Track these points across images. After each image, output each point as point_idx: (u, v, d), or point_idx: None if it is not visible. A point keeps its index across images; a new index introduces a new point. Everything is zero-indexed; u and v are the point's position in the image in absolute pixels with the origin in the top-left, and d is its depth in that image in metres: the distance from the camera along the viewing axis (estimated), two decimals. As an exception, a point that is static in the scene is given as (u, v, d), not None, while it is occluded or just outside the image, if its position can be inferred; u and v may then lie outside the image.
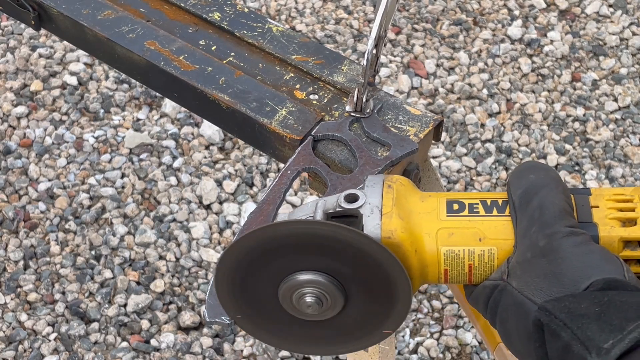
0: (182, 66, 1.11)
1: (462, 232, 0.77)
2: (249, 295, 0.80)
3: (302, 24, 2.41)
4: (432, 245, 0.77)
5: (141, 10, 1.19)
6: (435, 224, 0.78)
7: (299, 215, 0.80)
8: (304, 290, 0.77)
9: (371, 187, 0.80)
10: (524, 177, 0.77)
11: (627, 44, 2.39)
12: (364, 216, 0.77)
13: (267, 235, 0.76)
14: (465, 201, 0.79)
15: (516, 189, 0.77)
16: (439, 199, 0.80)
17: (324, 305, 0.78)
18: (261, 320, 0.82)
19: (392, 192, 0.79)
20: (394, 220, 0.77)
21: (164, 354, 1.81)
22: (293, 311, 0.79)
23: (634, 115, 2.23)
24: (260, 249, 0.76)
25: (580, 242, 0.72)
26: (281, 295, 0.78)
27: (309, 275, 0.76)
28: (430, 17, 2.44)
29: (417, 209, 0.79)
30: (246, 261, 0.77)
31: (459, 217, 0.78)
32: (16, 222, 2.00)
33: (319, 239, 0.75)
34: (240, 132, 1.11)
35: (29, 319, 1.86)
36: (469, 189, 2.07)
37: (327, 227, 0.74)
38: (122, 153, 2.13)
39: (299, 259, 0.76)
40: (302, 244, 0.75)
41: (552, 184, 0.76)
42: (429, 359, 1.85)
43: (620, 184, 2.08)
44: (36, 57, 2.32)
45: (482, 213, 0.78)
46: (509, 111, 2.24)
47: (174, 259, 1.95)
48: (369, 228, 0.76)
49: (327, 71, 1.11)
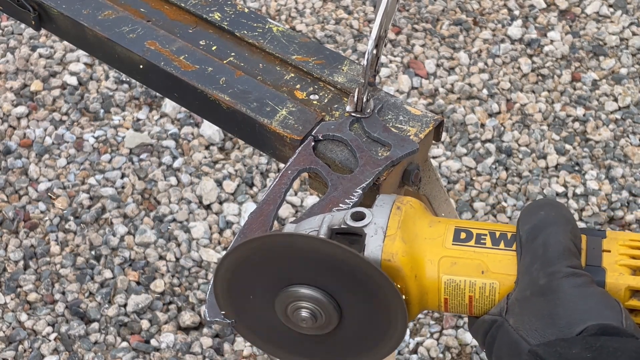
0: (182, 66, 1.11)
1: (465, 262, 0.76)
2: (246, 302, 0.80)
3: (302, 24, 2.41)
4: (434, 272, 0.76)
5: (141, 11, 1.19)
6: (438, 251, 0.77)
7: (306, 227, 0.80)
8: (300, 304, 0.77)
9: (380, 206, 0.79)
10: (535, 213, 0.76)
11: (627, 44, 2.39)
12: (367, 236, 0.77)
13: (266, 245, 0.75)
14: (474, 231, 0.77)
15: (524, 224, 0.75)
16: (447, 225, 0.78)
17: (317, 321, 0.77)
18: (257, 327, 0.82)
19: (400, 214, 0.78)
20: (396, 243, 0.76)
21: (164, 354, 1.81)
22: (288, 323, 0.79)
23: (634, 115, 2.23)
24: (260, 256, 0.76)
25: (581, 284, 0.71)
26: (277, 305, 0.78)
27: (305, 289, 0.76)
28: (430, 17, 2.44)
29: (423, 233, 0.78)
30: (245, 267, 0.77)
31: (464, 247, 0.76)
32: (16, 222, 2.00)
33: (318, 256, 0.74)
34: (241, 132, 1.11)
35: (29, 319, 1.86)
36: (469, 189, 2.07)
37: (326, 245, 0.74)
38: (122, 153, 2.13)
39: (297, 271, 0.76)
40: (301, 258, 0.75)
41: (560, 222, 0.74)
42: (429, 359, 1.85)
43: (620, 184, 2.08)
44: (36, 57, 2.32)
45: (488, 245, 0.76)
46: (509, 111, 2.24)
47: (174, 259, 1.95)
48: (370, 249, 0.76)
49: (327, 71, 1.11)
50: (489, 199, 2.06)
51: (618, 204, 2.04)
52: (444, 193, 1.22)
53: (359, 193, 0.97)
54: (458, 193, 2.07)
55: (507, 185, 2.09)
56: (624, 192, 2.07)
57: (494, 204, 2.05)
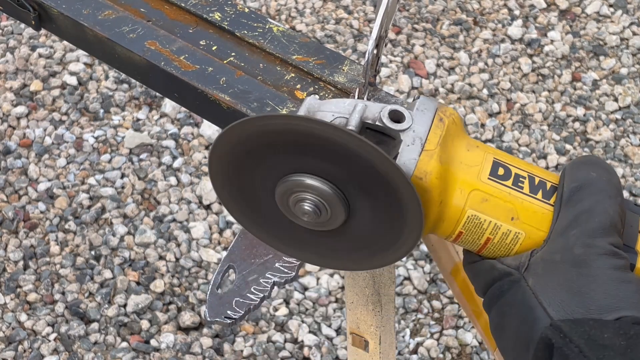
0: (182, 66, 1.11)
1: (497, 202, 0.68)
2: (243, 181, 0.72)
3: (302, 24, 2.41)
4: (460, 202, 0.68)
5: (142, 10, 1.19)
6: (472, 182, 0.69)
7: (333, 110, 0.71)
8: (305, 195, 0.68)
9: (421, 112, 0.70)
10: (584, 171, 0.68)
11: (627, 44, 2.39)
12: (402, 143, 0.68)
13: (283, 126, 0.66)
14: (513, 169, 0.70)
15: (571, 181, 0.68)
16: (486, 154, 0.70)
17: (321, 217, 0.69)
18: (251, 211, 0.74)
19: (442, 128, 0.69)
20: (432, 162, 0.67)
21: (164, 354, 1.81)
22: (287, 213, 0.71)
23: (634, 115, 2.23)
24: (271, 135, 0.67)
25: (620, 266, 0.64)
26: (278, 193, 0.70)
27: (316, 181, 0.67)
28: (431, 17, 2.44)
29: (460, 156, 0.69)
30: (251, 143, 0.68)
31: (501, 185, 0.68)
32: (16, 222, 2.00)
33: (343, 150, 0.65)
34: (241, 133, 1.11)
35: (28, 319, 1.86)
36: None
37: (358, 143, 0.64)
38: (122, 153, 2.13)
39: (312, 160, 0.67)
40: (322, 147, 0.66)
41: (611, 191, 0.67)
42: (429, 359, 1.84)
43: (621, 184, 2.08)
44: (36, 57, 2.31)
45: (525, 190, 0.69)
46: (509, 111, 2.24)
47: (173, 259, 1.95)
48: (403, 160, 0.67)
49: (327, 71, 1.11)
50: (489, 199, 2.06)
51: (618, 204, 2.05)
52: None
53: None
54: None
55: (508, 185, 2.09)
56: (624, 192, 2.07)
57: (494, 204, 2.05)
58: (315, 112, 0.71)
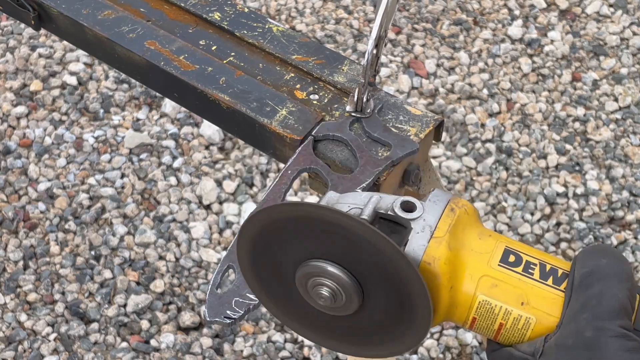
0: (182, 66, 1.11)
1: (506, 287, 0.71)
2: (267, 264, 0.76)
3: (302, 24, 2.41)
4: (471, 288, 0.72)
5: (141, 10, 1.19)
6: (482, 268, 0.72)
7: (350, 202, 0.75)
8: (322, 280, 0.73)
9: (433, 202, 0.74)
10: (595, 258, 0.71)
11: (627, 44, 2.39)
12: (413, 231, 0.72)
13: (305, 213, 0.71)
14: (525, 257, 0.73)
15: (582, 267, 0.70)
16: (497, 242, 0.74)
17: (336, 302, 0.73)
18: (274, 293, 0.78)
19: (452, 217, 0.73)
20: (441, 248, 0.71)
21: (164, 354, 1.81)
22: (306, 296, 0.75)
23: (635, 115, 2.23)
24: (295, 222, 0.71)
25: (630, 348, 0.65)
26: (298, 276, 0.74)
27: (332, 267, 0.72)
28: (431, 17, 2.44)
29: (470, 244, 0.73)
30: (275, 229, 0.73)
31: (510, 271, 0.72)
32: (16, 222, 2.00)
33: (356, 239, 0.70)
34: (241, 132, 1.11)
35: (28, 319, 1.86)
36: (469, 189, 2.07)
37: (369, 232, 0.69)
38: (122, 153, 2.13)
39: (329, 247, 0.71)
40: (338, 235, 0.70)
41: (621, 276, 0.69)
42: (429, 359, 1.84)
43: (621, 184, 2.08)
44: (36, 57, 2.31)
45: (536, 277, 0.72)
46: (509, 111, 2.24)
47: (173, 259, 1.95)
48: (413, 246, 0.72)
49: (327, 71, 1.11)
50: (489, 199, 2.06)
51: (618, 204, 2.04)
52: (444, 193, 1.22)
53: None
54: (458, 193, 2.07)
55: (508, 185, 2.09)
56: (625, 192, 2.07)
57: (494, 204, 2.05)
58: (334, 205, 0.76)
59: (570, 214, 2.02)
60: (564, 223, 2.01)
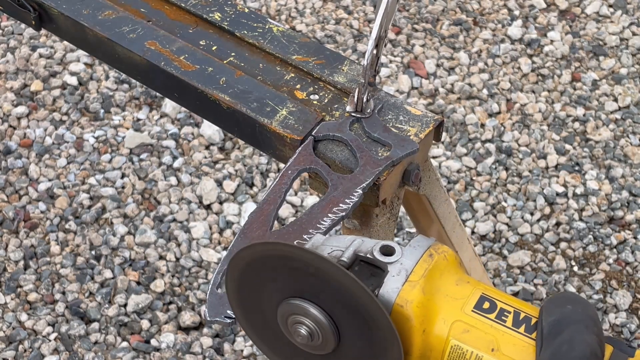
0: (182, 66, 1.11)
1: (478, 333, 0.73)
2: (252, 299, 0.79)
3: (302, 24, 2.41)
4: (443, 332, 0.73)
5: (142, 11, 1.20)
6: (455, 314, 0.73)
7: (333, 244, 0.78)
8: (301, 319, 0.75)
9: (413, 247, 0.77)
10: (561, 305, 0.72)
11: (627, 44, 2.40)
12: (389, 274, 0.74)
13: (288, 254, 0.74)
14: (500, 304, 0.74)
15: (549, 316, 0.71)
16: (474, 289, 0.75)
17: (313, 341, 0.76)
18: (258, 326, 0.81)
19: (430, 262, 0.75)
20: (414, 292, 0.73)
21: (164, 354, 1.81)
22: (285, 331, 0.78)
23: (634, 115, 2.23)
24: (277, 261, 0.75)
25: None
26: (280, 312, 0.77)
27: (311, 307, 0.74)
28: (430, 17, 2.44)
29: (446, 289, 0.75)
30: (259, 266, 0.76)
31: (483, 318, 0.73)
32: (16, 222, 2.00)
33: (333, 282, 0.72)
34: (241, 132, 1.11)
35: (29, 319, 1.86)
36: (469, 189, 2.07)
37: (342, 276, 0.71)
38: (122, 153, 2.13)
39: (309, 287, 0.74)
40: (316, 277, 0.73)
41: (588, 322, 0.70)
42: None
43: (621, 184, 2.08)
44: (36, 57, 2.32)
45: (508, 324, 0.73)
46: (509, 111, 2.24)
47: (174, 259, 1.95)
48: (387, 288, 0.74)
49: (327, 71, 1.11)
50: (489, 199, 2.06)
51: (618, 204, 2.05)
52: (444, 193, 1.22)
53: (359, 193, 0.97)
54: (458, 193, 2.07)
55: (507, 185, 2.09)
56: (624, 192, 2.07)
57: (494, 204, 2.05)
58: (318, 247, 0.79)
59: (570, 214, 2.02)
60: (563, 223, 2.01)
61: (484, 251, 1.96)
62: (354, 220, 1.07)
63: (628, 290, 1.90)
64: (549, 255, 1.96)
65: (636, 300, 1.89)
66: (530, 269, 1.94)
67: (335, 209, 0.95)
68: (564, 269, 1.93)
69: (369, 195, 1.01)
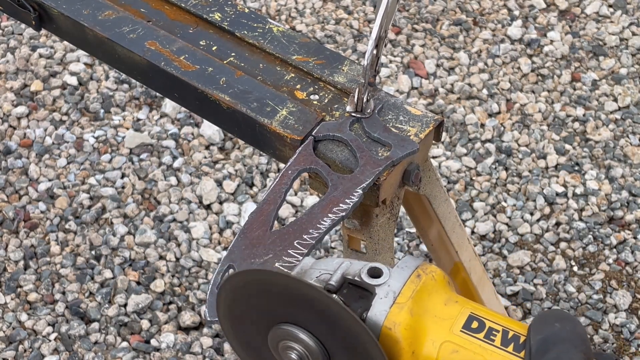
0: (182, 66, 1.11)
1: (466, 354, 0.72)
2: (243, 322, 0.79)
3: (302, 24, 2.41)
4: (432, 354, 0.73)
5: (142, 11, 1.20)
6: (444, 334, 0.73)
7: (322, 267, 0.78)
8: (292, 344, 0.76)
9: (400, 268, 0.76)
10: (549, 324, 0.72)
11: (627, 44, 2.40)
12: (377, 296, 0.74)
13: (275, 281, 0.74)
14: (488, 323, 0.74)
15: (537, 334, 0.71)
16: (462, 309, 0.75)
17: None
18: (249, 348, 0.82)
19: (418, 283, 0.75)
20: (402, 314, 0.73)
21: (164, 354, 1.81)
22: (276, 355, 0.78)
23: (634, 115, 2.23)
24: (266, 287, 0.75)
25: None
26: (271, 336, 0.77)
27: (302, 333, 0.75)
28: (430, 17, 2.44)
29: (435, 310, 0.74)
30: (251, 291, 0.76)
31: (472, 338, 0.73)
32: (16, 222, 2.00)
33: (322, 308, 0.72)
34: (241, 132, 1.11)
35: (29, 319, 1.86)
36: (468, 189, 2.08)
37: (331, 302, 0.72)
38: (122, 153, 2.13)
39: (299, 313, 0.75)
40: (304, 303, 0.73)
41: (576, 341, 0.70)
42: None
43: (620, 184, 2.09)
44: (36, 57, 2.32)
45: (497, 343, 0.73)
46: (509, 111, 2.24)
47: (174, 259, 1.95)
48: (375, 311, 0.74)
49: (327, 71, 1.11)
50: (488, 199, 2.06)
51: (618, 204, 2.05)
52: (444, 193, 1.22)
53: (359, 193, 0.97)
54: (458, 193, 2.07)
55: (507, 185, 2.09)
56: (624, 192, 2.07)
57: (494, 204, 2.05)
58: (306, 270, 0.79)
59: (570, 214, 2.03)
60: (563, 223, 2.01)
61: (483, 251, 1.96)
62: (354, 220, 1.07)
63: (628, 290, 1.90)
64: (548, 255, 1.96)
65: (636, 300, 1.89)
66: (530, 269, 1.94)
67: (335, 209, 0.95)
68: (563, 269, 1.93)
69: (369, 195, 1.01)
